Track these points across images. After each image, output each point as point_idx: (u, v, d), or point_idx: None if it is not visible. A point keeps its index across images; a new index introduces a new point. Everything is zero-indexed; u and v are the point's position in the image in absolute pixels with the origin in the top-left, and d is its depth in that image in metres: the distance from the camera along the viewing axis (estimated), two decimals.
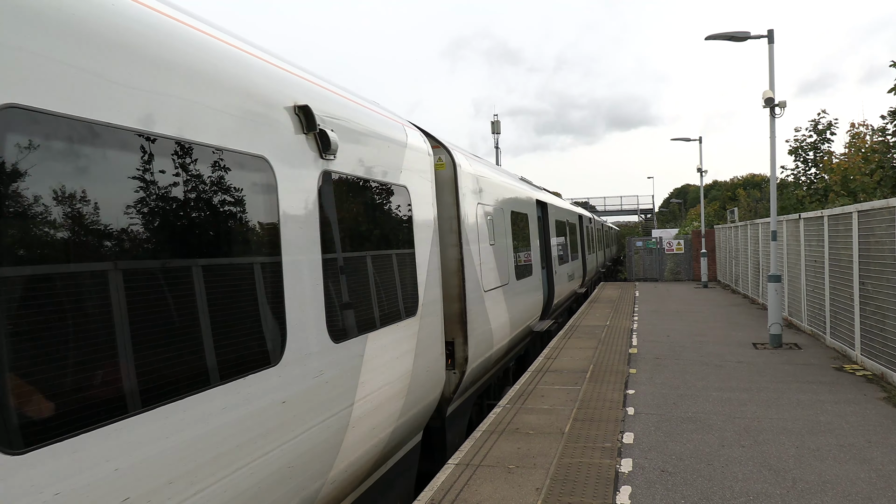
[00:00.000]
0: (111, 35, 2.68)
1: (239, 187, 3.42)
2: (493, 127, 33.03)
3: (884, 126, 18.45)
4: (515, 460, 6.28)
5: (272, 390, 3.57)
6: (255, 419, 3.41)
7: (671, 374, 9.94)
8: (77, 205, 2.46)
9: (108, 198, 2.60)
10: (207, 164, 3.20)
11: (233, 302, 3.31)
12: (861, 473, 5.76)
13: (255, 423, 3.41)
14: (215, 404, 3.12)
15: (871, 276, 9.51)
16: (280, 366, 3.66)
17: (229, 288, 3.31)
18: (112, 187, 2.63)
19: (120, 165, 2.68)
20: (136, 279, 2.73)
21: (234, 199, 3.39)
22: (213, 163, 3.24)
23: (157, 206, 2.87)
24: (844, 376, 9.50)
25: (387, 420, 5.19)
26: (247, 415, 3.35)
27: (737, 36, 12.73)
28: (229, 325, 3.25)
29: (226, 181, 3.32)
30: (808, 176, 24.34)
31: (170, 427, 2.83)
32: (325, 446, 4.15)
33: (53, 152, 2.40)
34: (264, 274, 3.59)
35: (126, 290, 2.65)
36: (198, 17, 3.49)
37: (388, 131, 5.66)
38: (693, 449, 6.49)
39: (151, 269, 2.82)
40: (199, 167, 3.14)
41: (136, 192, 2.76)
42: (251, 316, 3.46)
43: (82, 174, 2.51)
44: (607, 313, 17.96)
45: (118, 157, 2.67)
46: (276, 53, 4.27)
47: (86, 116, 2.51)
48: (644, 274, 32.27)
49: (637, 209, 68.74)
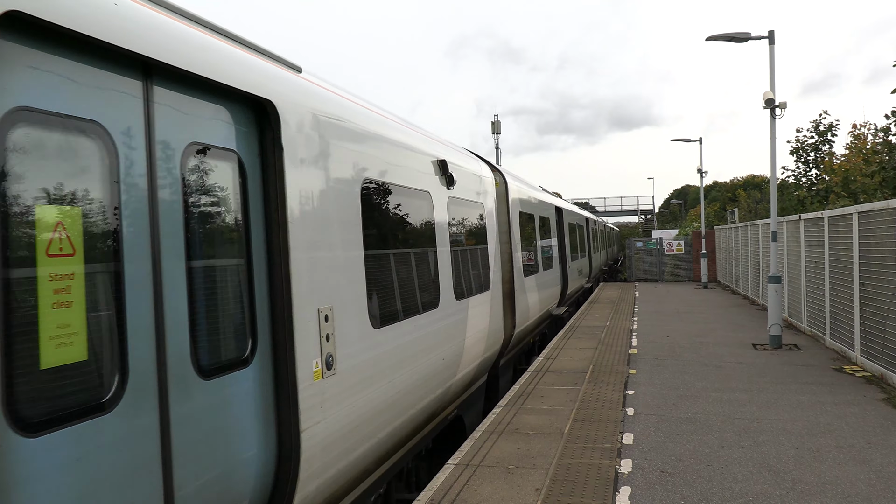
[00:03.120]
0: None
1: (428, 209, 6.52)
2: (494, 127, 33.06)
3: (887, 126, 18.44)
4: (515, 460, 6.28)
5: (437, 320, 6.49)
6: (436, 333, 6.43)
7: (671, 374, 9.94)
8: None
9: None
10: (426, 201, 6.54)
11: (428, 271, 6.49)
12: (861, 475, 5.76)
13: (437, 334, 6.45)
14: (427, 319, 6.18)
15: (871, 278, 9.51)
16: (439, 308, 6.59)
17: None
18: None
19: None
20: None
21: (439, 216, 6.84)
22: (423, 199, 6.47)
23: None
24: (844, 377, 9.50)
25: (478, 353, 8.01)
26: (435, 329, 6.40)
27: (737, 37, 12.73)
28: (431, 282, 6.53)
29: (429, 208, 6.59)
30: (808, 177, 24.35)
31: (427, 321, 6.21)
32: (455, 356, 7.05)
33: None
34: (430, 258, 6.52)
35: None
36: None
37: (473, 167, 8.64)
38: (693, 450, 6.50)
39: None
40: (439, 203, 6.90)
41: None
42: (433, 281, 6.61)
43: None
44: (607, 314, 17.96)
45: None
46: (415, 123, 7.00)
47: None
48: (644, 274, 32.27)
49: (637, 210, 68.76)
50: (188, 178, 3.18)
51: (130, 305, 2.76)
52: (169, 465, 2.91)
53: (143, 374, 2.79)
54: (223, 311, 3.39)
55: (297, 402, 3.72)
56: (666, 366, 10.60)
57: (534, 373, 10.27)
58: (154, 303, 2.89)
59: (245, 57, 3.67)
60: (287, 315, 3.73)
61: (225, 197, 3.44)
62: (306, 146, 4.09)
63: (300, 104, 4.07)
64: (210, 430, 3.20)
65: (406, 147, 6.07)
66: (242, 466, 3.42)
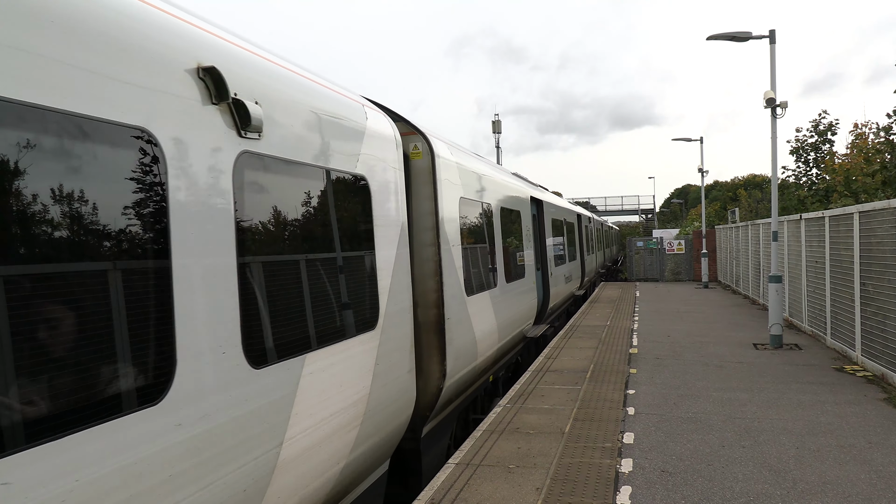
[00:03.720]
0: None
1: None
2: (494, 127, 33.05)
3: (888, 125, 18.41)
4: (515, 460, 6.27)
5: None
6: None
7: (672, 374, 9.94)
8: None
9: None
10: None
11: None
12: (861, 474, 5.76)
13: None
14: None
15: (871, 277, 9.50)
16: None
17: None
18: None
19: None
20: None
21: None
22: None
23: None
24: (845, 377, 9.49)
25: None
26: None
27: (738, 36, 12.72)
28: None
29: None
30: (809, 176, 24.32)
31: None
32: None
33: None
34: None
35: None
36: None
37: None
38: (693, 449, 6.49)
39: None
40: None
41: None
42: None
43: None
44: (608, 313, 17.95)
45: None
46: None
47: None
48: (645, 274, 32.26)
49: (638, 209, 68.73)
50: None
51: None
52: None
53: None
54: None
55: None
56: (667, 365, 10.60)
57: (534, 372, 10.27)
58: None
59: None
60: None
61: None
62: None
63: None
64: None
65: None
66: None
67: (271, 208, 3.81)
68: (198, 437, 3.04)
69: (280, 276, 3.91)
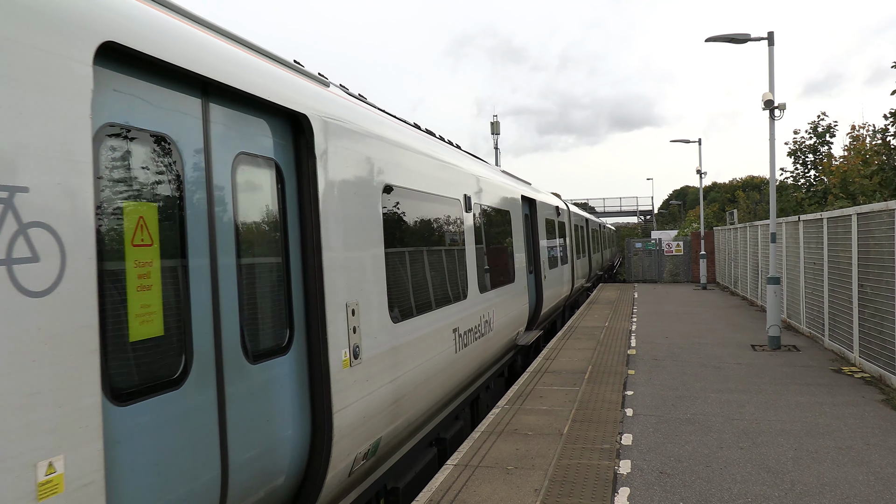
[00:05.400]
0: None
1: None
2: (493, 127, 33.06)
3: (885, 127, 18.43)
4: (514, 461, 6.28)
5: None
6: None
7: (670, 375, 9.95)
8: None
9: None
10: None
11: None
12: (859, 476, 5.76)
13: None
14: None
15: (869, 279, 9.52)
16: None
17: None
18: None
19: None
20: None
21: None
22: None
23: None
24: (843, 378, 9.51)
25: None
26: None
27: (737, 38, 12.74)
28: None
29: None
30: (807, 178, 24.35)
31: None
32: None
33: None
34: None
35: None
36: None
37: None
38: (691, 450, 6.50)
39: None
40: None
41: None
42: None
43: None
44: (606, 314, 17.96)
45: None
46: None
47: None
48: (643, 275, 32.27)
49: (636, 210, 68.79)
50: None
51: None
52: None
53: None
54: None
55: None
56: (665, 367, 10.61)
57: (533, 373, 10.27)
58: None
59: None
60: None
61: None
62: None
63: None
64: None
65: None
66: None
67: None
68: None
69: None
